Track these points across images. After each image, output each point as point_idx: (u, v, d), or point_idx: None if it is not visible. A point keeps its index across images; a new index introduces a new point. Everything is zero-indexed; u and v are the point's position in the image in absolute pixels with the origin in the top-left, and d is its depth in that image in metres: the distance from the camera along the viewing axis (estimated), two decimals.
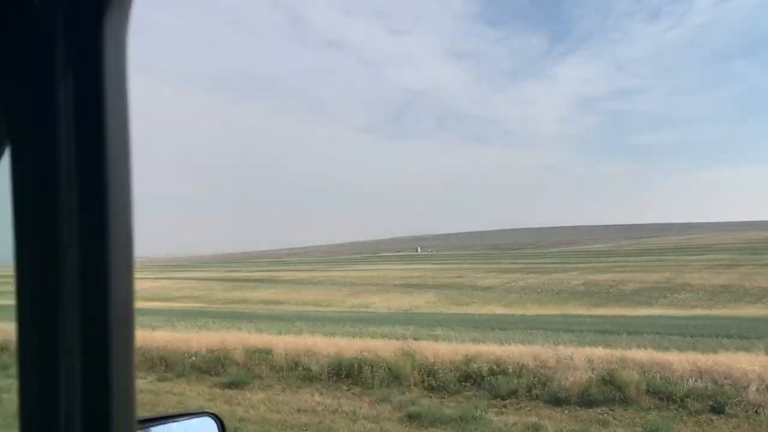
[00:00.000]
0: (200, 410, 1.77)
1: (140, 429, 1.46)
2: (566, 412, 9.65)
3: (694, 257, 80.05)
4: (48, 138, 0.57)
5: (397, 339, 16.45)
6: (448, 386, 11.16)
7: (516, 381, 10.60)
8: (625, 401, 9.63)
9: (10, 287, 0.59)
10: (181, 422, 1.64)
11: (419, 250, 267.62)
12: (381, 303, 49.91)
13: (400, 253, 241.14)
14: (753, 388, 9.15)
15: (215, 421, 1.70)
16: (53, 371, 0.57)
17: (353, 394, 11.73)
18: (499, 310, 43.05)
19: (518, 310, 41.71)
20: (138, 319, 0.67)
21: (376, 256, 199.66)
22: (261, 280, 76.31)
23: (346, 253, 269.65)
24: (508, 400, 10.27)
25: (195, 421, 1.70)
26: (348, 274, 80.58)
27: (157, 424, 1.55)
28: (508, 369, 11.10)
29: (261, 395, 11.71)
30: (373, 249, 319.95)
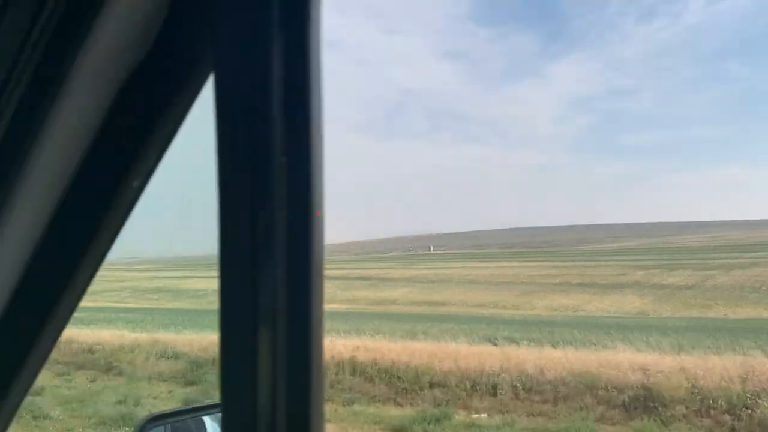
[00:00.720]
0: None
1: (217, 412, 1.55)
2: None
3: None
4: (251, 75, 0.56)
5: None
6: None
7: None
8: None
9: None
10: None
11: (432, 249, 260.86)
12: (594, 305, 41.87)
13: (412, 252, 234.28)
14: None
15: None
16: (255, 347, 0.55)
17: None
18: None
19: None
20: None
21: (391, 254, 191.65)
22: (363, 278, 67.43)
23: (352, 252, 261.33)
24: None
25: None
26: (454, 272, 72.26)
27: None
28: None
29: None
30: (380, 248, 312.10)
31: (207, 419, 1.75)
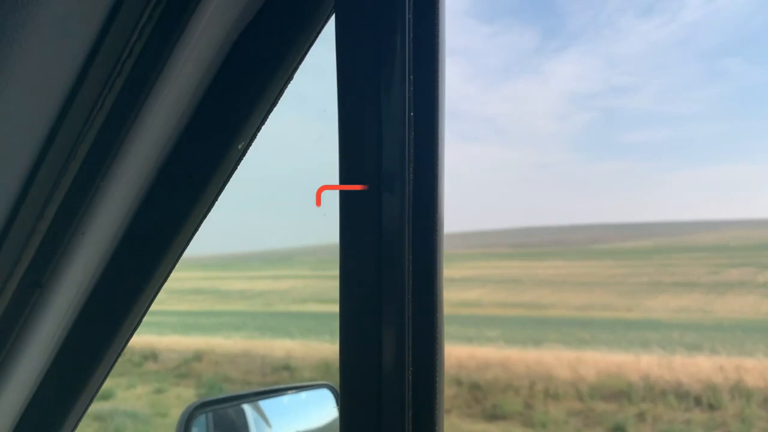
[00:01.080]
0: (316, 382, 1.74)
1: (256, 400, 1.64)
2: None
3: None
4: (380, 21, 0.51)
5: None
6: None
7: None
8: None
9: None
10: (298, 394, 1.71)
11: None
12: (718, 306, 37.67)
13: None
14: None
15: (332, 393, 1.76)
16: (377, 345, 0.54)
17: None
18: None
19: None
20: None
21: None
22: None
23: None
24: None
25: (313, 393, 1.74)
26: (504, 273, 68.15)
27: (275, 395, 1.68)
28: None
29: None
30: None
31: (247, 407, 1.73)
